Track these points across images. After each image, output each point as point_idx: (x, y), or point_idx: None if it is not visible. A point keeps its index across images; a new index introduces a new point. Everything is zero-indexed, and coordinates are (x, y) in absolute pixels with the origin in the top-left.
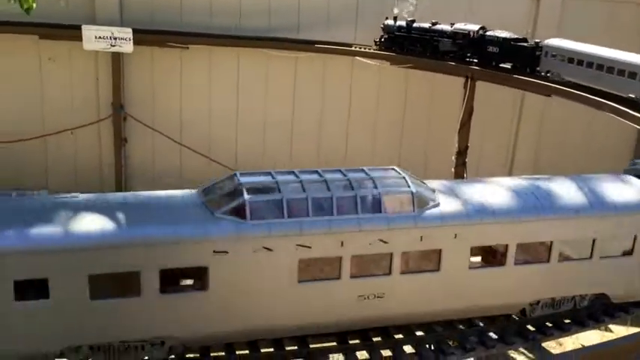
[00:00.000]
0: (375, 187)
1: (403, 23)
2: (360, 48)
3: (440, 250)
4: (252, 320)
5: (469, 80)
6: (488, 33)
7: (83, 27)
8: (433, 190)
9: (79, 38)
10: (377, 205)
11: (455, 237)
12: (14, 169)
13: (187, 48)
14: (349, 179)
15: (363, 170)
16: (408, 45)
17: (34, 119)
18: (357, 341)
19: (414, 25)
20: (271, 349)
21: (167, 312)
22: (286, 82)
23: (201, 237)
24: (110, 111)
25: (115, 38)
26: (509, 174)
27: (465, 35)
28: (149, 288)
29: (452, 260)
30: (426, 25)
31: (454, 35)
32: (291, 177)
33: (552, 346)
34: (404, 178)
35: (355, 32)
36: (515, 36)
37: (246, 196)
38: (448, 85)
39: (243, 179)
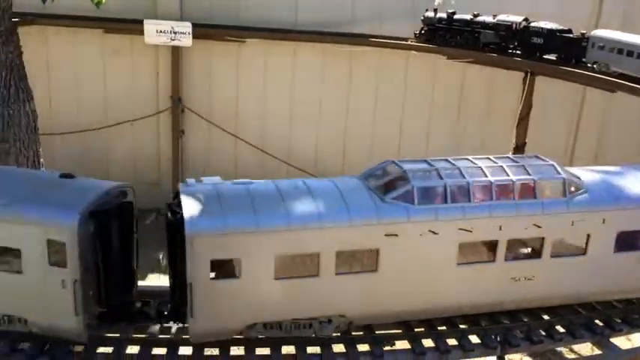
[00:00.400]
0: (529, 173)
1: (444, 15)
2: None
3: (588, 235)
4: (416, 300)
5: (528, 75)
6: (532, 24)
7: (145, 21)
8: (579, 177)
9: (141, 32)
10: (532, 191)
11: (603, 222)
12: (77, 158)
13: (244, 42)
14: (501, 166)
15: (509, 158)
16: (449, 37)
17: (97, 110)
18: (422, 329)
19: (455, 16)
20: (339, 334)
21: (339, 292)
22: (341, 77)
23: (374, 221)
24: (169, 103)
25: (175, 32)
26: None
27: (508, 27)
28: (326, 269)
29: (599, 244)
30: (468, 16)
31: (497, 27)
32: (447, 164)
33: (621, 340)
34: (552, 165)
35: (408, 26)
36: (561, 27)
37: (413, 182)
38: (502, 79)
39: (406, 166)
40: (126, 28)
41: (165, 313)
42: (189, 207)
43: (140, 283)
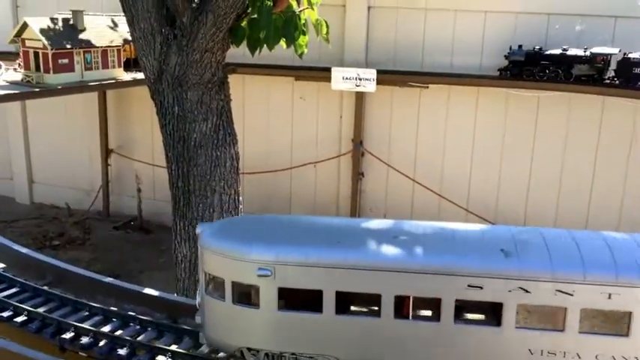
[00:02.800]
0: None
1: (531, 50)
2: None
3: None
4: None
5: None
6: (631, 55)
7: (333, 69)
8: None
9: (328, 79)
10: None
11: None
12: (263, 196)
13: (427, 87)
14: None
15: None
16: (538, 72)
17: (284, 152)
18: None
19: (543, 52)
20: None
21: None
22: (525, 123)
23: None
24: (350, 147)
25: (360, 79)
26: None
27: (604, 59)
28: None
29: None
30: (557, 51)
31: (591, 60)
32: None
33: None
34: None
35: None
36: None
37: None
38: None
39: None
40: (315, 76)
41: None
42: None
43: None
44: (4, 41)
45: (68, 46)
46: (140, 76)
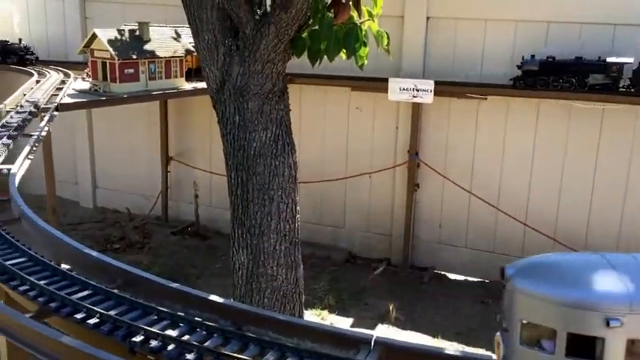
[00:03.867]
0: None
1: (544, 59)
2: None
3: None
4: None
5: None
6: None
7: (390, 80)
8: None
9: (385, 90)
10: None
11: None
12: (317, 206)
13: (486, 99)
14: None
15: None
16: (552, 81)
17: (339, 162)
18: None
19: (557, 60)
20: None
21: None
22: (588, 137)
23: None
24: (406, 158)
25: (418, 90)
26: None
27: (620, 68)
28: None
29: None
30: (571, 60)
31: (607, 68)
32: None
33: None
34: None
35: None
36: None
37: None
38: None
39: None
40: (371, 87)
41: None
42: None
43: (368, 331)
44: (74, 51)
45: (134, 57)
46: (200, 85)
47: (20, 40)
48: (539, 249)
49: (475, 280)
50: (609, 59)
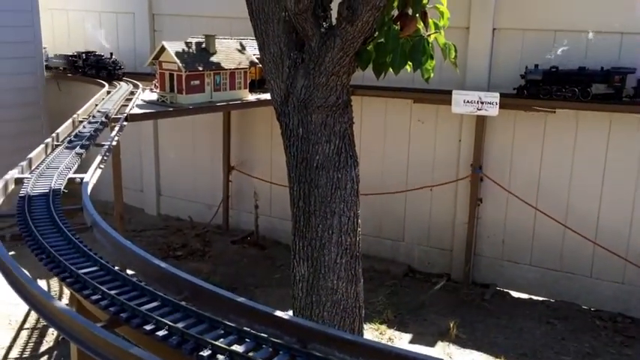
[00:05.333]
0: None
1: (547, 69)
2: None
3: None
4: None
5: None
6: None
7: (454, 92)
8: None
9: (447, 102)
10: None
11: None
12: (378, 218)
13: (554, 112)
14: None
15: None
16: (555, 91)
17: (400, 175)
18: None
19: (560, 70)
20: None
21: None
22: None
23: None
24: (468, 171)
25: (482, 102)
26: None
27: (623, 77)
28: None
29: None
30: (574, 70)
31: (609, 78)
32: None
33: None
34: None
35: None
36: None
37: None
38: None
39: None
40: (434, 99)
41: None
42: None
43: (427, 349)
44: (143, 63)
45: (200, 68)
46: (264, 96)
47: (112, 54)
48: (610, 269)
49: (540, 299)
50: (609, 69)
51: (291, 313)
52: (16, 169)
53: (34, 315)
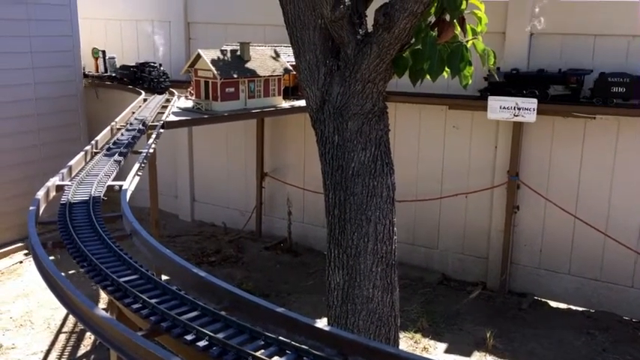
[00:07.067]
0: None
1: (508, 72)
2: None
3: None
4: None
5: None
6: (609, 74)
7: (490, 98)
8: None
9: (483, 108)
10: None
11: None
12: (410, 225)
13: (594, 118)
14: None
15: None
16: (515, 92)
17: (434, 181)
18: None
19: (520, 73)
20: None
21: None
22: None
23: None
24: (505, 178)
25: (519, 108)
26: None
27: (579, 79)
28: None
29: None
30: (533, 72)
31: (566, 80)
32: None
33: None
34: None
35: None
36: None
37: None
38: None
39: None
40: (470, 105)
41: None
42: None
43: (465, 358)
44: (178, 71)
45: (235, 76)
46: (297, 103)
47: (160, 65)
48: None
49: (579, 309)
50: (568, 70)
51: (325, 321)
52: (57, 177)
53: (72, 319)
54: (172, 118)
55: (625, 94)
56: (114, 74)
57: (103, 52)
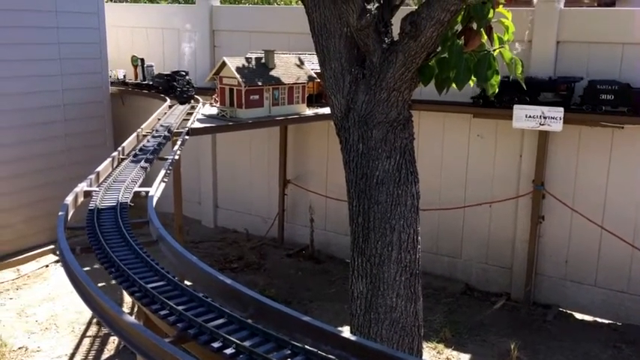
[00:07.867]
0: None
1: (501, 79)
2: None
3: None
4: None
5: None
6: (598, 81)
7: (515, 106)
8: None
9: (509, 117)
10: None
11: None
12: (434, 233)
13: (622, 128)
14: None
15: None
16: (507, 99)
17: (457, 190)
18: None
19: (511, 80)
20: None
21: None
22: None
23: None
24: (529, 188)
25: (545, 117)
26: None
27: (569, 86)
28: None
29: None
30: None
31: (556, 87)
32: None
33: None
34: None
35: None
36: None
37: None
38: None
39: None
40: (495, 114)
41: None
42: None
43: None
44: (203, 78)
45: (259, 83)
46: (321, 111)
47: (187, 72)
48: None
49: (605, 321)
50: (557, 77)
51: (348, 329)
52: (85, 182)
53: (95, 323)
54: (197, 125)
55: (613, 102)
56: (151, 82)
57: (142, 60)
